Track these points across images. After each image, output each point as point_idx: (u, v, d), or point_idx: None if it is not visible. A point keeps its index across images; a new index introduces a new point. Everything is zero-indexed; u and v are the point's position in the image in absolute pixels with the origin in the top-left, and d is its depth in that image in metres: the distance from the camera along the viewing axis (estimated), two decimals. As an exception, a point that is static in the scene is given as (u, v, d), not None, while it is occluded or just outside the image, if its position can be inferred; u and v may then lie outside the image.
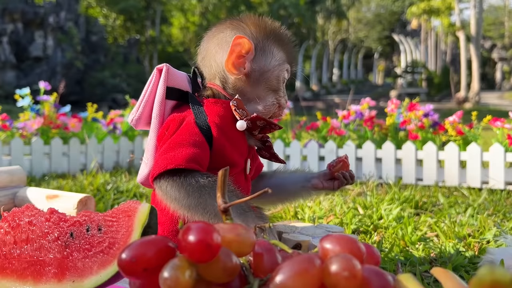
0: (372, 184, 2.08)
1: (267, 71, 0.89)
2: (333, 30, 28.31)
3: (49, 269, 0.67)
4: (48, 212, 0.72)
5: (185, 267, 0.49)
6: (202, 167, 0.79)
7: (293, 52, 0.95)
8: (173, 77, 0.90)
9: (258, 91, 0.89)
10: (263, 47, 0.89)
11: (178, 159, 0.76)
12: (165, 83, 0.88)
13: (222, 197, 0.63)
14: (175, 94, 0.91)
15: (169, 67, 0.90)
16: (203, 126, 0.83)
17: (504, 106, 15.83)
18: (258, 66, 0.89)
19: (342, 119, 2.73)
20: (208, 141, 0.83)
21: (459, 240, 1.19)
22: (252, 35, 0.89)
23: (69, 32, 17.23)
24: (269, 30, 0.91)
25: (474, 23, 15.58)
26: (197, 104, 0.88)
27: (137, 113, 0.91)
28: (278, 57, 0.90)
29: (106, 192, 1.89)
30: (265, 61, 0.89)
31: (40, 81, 2.96)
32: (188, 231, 0.50)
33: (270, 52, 0.90)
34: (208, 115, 0.85)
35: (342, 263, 0.48)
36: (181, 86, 0.91)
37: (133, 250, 0.51)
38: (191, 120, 0.84)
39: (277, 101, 0.91)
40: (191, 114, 0.85)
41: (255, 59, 0.88)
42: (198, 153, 0.79)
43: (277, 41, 0.91)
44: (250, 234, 0.55)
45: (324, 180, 0.96)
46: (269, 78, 0.89)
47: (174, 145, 0.80)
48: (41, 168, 2.67)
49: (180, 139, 0.81)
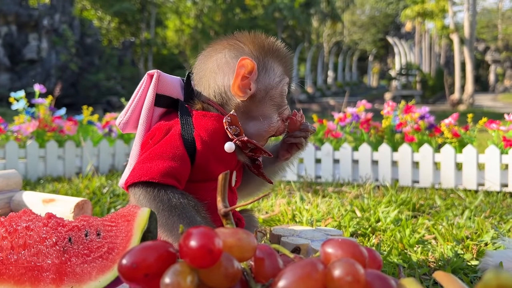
0: (369, 187, 2.08)
1: (271, 89, 0.89)
2: (327, 32, 28.39)
3: (47, 275, 0.66)
4: (46, 217, 0.71)
5: (187, 273, 0.49)
6: (179, 181, 0.80)
7: (291, 64, 0.95)
8: (164, 83, 0.89)
9: (263, 109, 0.89)
10: (264, 65, 0.89)
11: (154, 172, 0.77)
12: (155, 90, 0.88)
13: (222, 201, 0.62)
14: (165, 101, 0.90)
15: (160, 73, 0.89)
16: (188, 139, 0.83)
17: (498, 108, 15.93)
18: (262, 85, 0.88)
19: (338, 122, 2.73)
20: (191, 154, 0.83)
21: (457, 243, 1.20)
22: (252, 54, 0.88)
23: (64, 35, 17.17)
24: (266, 46, 0.90)
25: (467, 25, 15.67)
26: (186, 114, 0.86)
27: (125, 117, 0.90)
28: (278, 73, 0.90)
29: (102, 196, 1.88)
30: (268, 79, 0.89)
31: (34, 84, 2.94)
32: (189, 236, 0.49)
33: (272, 69, 0.90)
34: (195, 128, 0.84)
35: (345, 268, 0.48)
36: (172, 93, 0.91)
37: (134, 255, 0.50)
38: (176, 131, 0.84)
39: (280, 116, 0.91)
40: (178, 124, 0.85)
41: (259, 79, 0.88)
42: (176, 167, 0.79)
43: (275, 56, 0.91)
44: (251, 238, 0.55)
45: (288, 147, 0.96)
46: (274, 96, 0.89)
47: (154, 156, 0.80)
48: (36, 172, 2.65)
49: (161, 151, 0.81)
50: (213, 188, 0.86)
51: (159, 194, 0.76)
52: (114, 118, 3.24)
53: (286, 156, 0.96)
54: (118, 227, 0.65)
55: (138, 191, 0.77)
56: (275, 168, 0.99)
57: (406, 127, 2.48)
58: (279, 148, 0.97)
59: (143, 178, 0.76)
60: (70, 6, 18.30)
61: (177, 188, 0.78)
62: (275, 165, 0.98)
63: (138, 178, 0.77)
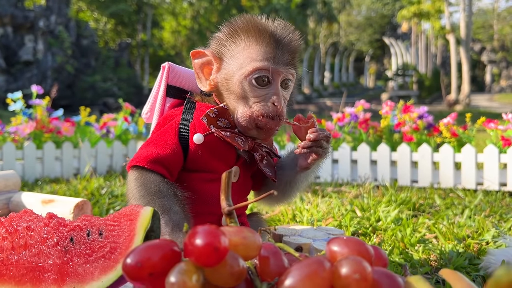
0: (368, 186, 2.08)
1: (229, 79, 0.82)
2: (324, 33, 28.42)
3: (48, 275, 0.65)
4: (47, 217, 0.70)
5: (192, 272, 0.48)
6: (168, 169, 0.81)
7: (268, 45, 0.81)
8: (176, 75, 0.92)
9: (231, 99, 0.83)
10: (231, 52, 0.82)
11: (143, 157, 0.80)
12: (166, 81, 0.91)
13: (226, 200, 0.62)
14: (176, 92, 0.92)
15: (172, 65, 0.92)
16: (182, 130, 0.84)
17: (494, 108, 15.98)
18: (223, 74, 0.83)
19: (337, 122, 2.73)
20: (184, 145, 0.83)
21: (458, 242, 1.19)
22: (217, 42, 0.85)
23: (60, 36, 17.11)
24: (240, 29, 0.83)
25: (463, 26, 15.72)
26: (190, 106, 0.88)
27: (147, 108, 0.95)
28: (241, 59, 0.81)
29: (101, 197, 1.87)
30: (228, 68, 0.83)
31: (30, 85, 2.93)
32: (194, 234, 0.48)
33: (235, 57, 0.82)
34: (194, 119, 0.85)
35: (352, 266, 0.48)
36: (184, 84, 0.93)
37: (138, 254, 0.50)
38: (176, 121, 0.86)
39: (250, 109, 0.81)
40: (181, 115, 0.87)
41: (222, 68, 0.84)
42: (165, 155, 0.81)
43: (246, 40, 0.82)
44: (256, 237, 0.54)
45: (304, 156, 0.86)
46: (232, 86, 0.82)
47: (149, 143, 0.83)
48: (33, 173, 2.64)
49: (155, 138, 0.84)
50: (209, 180, 0.86)
51: (147, 180, 0.78)
52: (111, 119, 3.23)
53: (304, 165, 0.86)
54: (120, 226, 0.64)
55: (131, 175, 0.81)
56: (297, 177, 0.91)
57: (404, 127, 2.48)
58: (298, 156, 0.88)
59: (133, 163, 0.80)
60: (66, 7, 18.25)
61: (162, 175, 0.80)
62: (296, 174, 0.90)
63: (131, 162, 0.81)
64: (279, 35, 0.83)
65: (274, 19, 0.86)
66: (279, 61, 0.81)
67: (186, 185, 0.84)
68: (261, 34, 0.81)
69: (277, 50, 0.81)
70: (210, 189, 0.85)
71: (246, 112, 0.81)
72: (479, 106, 16.91)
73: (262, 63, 0.79)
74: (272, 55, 0.81)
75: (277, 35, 0.82)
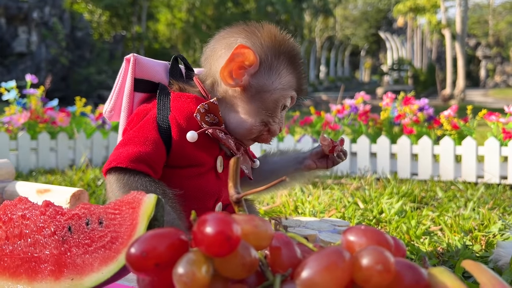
0: (370, 179, 2.05)
1: (266, 92, 0.81)
2: (320, 27, 28.36)
3: (45, 266, 0.62)
4: (43, 205, 0.66)
5: (202, 262, 0.45)
6: (151, 167, 0.77)
7: (303, 79, 0.86)
8: (143, 67, 0.86)
9: (250, 107, 0.82)
10: (270, 64, 0.82)
11: (122, 157, 0.75)
12: (133, 74, 0.85)
13: (234, 187, 0.58)
14: (145, 86, 0.87)
15: (138, 57, 0.86)
16: (162, 124, 0.79)
17: (488, 103, 16.03)
18: (257, 83, 0.81)
19: (336, 114, 2.70)
20: (167, 139, 0.79)
21: (465, 234, 1.17)
22: (262, 48, 0.82)
23: (54, 28, 16.94)
24: (283, 48, 0.83)
25: (459, 21, 15.71)
26: (164, 97, 0.83)
27: (109, 105, 0.89)
28: (284, 81, 0.83)
29: (97, 188, 1.83)
30: (267, 80, 0.82)
31: (24, 77, 2.87)
32: (204, 222, 0.45)
33: (277, 73, 0.82)
34: (171, 111, 0.80)
35: (374, 256, 0.44)
36: (152, 77, 0.87)
37: (144, 243, 0.46)
38: (152, 115, 0.80)
39: (266, 125, 0.83)
40: (155, 108, 0.82)
41: (257, 75, 0.81)
42: (147, 152, 0.76)
43: (289, 63, 0.83)
44: (268, 226, 0.51)
45: (317, 159, 0.91)
46: (266, 99, 0.82)
47: (127, 141, 0.78)
48: (28, 164, 2.59)
49: (133, 135, 0.78)
50: (196, 175, 0.83)
51: (129, 180, 0.74)
52: (107, 110, 3.18)
53: (311, 166, 0.91)
54: (122, 215, 0.60)
55: (112, 177, 0.76)
56: (295, 173, 0.94)
57: (405, 119, 2.46)
58: (307, 155, 0.92)
59: (113, 164, 0.75)
60: (60, -2, 18.06)
61: (147, 174, 0.76)
62: (295, 170, 0.93)
63: (109, 164, 0.76)
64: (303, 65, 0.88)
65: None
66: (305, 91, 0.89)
67: (172, 183, 0.81)
68: (299, 65, 0.85)
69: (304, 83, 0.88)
70: (196, 183, 0.82)
71: (256, 125, 0.82)
72: (473, 101, 16.95)
73: (294, 93, 0.85)
74: (304, 86, 0.87)
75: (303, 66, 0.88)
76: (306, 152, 0.93)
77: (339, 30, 32.33)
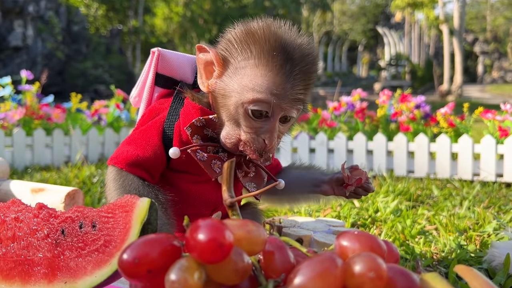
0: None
1: (227, 97, 0.71)
2: (317, 22, 28.29)
3: (38, 270, 0.62)
4: (37, 207, 0.66)
5: (194, 268, 0.45)
6: (148, 171, 0.77)
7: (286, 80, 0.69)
8: (166, 63, 0.84)
9: (222, 115, 0.74)
10: (236, 64, 0.71)
11: (121, 158, 0.76)
12: (155, 69, 0.84)
13: (228, 191, 0.58)
14: (165, 82, 0.86)
15: (162, 52, 0.85)
16: (167, 129, 0.79)
17: (486, 99, 16.05)
18: (220, 86, 0.73)
19: (333, 111, 2.70)
20: (169, 145, 0.78)
21: (459, 234, 1.17)
22: (229, 46, 0.72)
23: (50, 22, 16.82)
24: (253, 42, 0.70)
25: (457, 16, 15.69)
26: (178, 101, 0.81)
27: (135, 92, 0.90)
28: (246, 81, 0.69)
29: (92, 185, 1.83)
30: (230, 83, 0.71)
31: (20, 71, 2.85)
32: (197, 229, 0.45)
33: (237, 73, 0.70)
34: (180, 118, 0.79)
35: (366, 263, 0.44)
36: (175, 74, 0.85)
37: (136, 249, 0.46)
38: (161, 118, 0.80)
39: (238, 135, 0.72)
40: (167, 110, 0.80)
41: (223, 77, 0.73)
42: (146, 157, 0.76)
43: (261, 60, 0.69)
44: (261, 231, 0.51)
45: (336, 186, 0.83)
46: (227, 105, 0.72)
47: (131, 141, 0.79)
48: (23, 161, 2.59)
49: (137, 136, 0.79)
50: (193, 181, 0.82)
51: (125, 183, 0.75)
52: (103, 106, 3.17)
53: (327, 192, 0.83)
54: (115, 218, 0.60)
55: (111, 173, 0.78)
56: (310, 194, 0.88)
57: (401, 117, 2.46)
58: (326, 180, 0.84)
59: (113, 162, 0.77)
60: (57, -8, 17.93)
61: (142, 178, 0.76)
62: (311, 192, 0.86)
63: (111, 160, 0.78)
64: (296, 62, 0.70)
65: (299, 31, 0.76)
66: (286, 96, 0.69)
67: (169, 184, 0.80)
68: (273, 59, 0.68)
69: (287, 83, 0.69)
70: (194, 190, 0.82)
71: (232, 135, 0.72)
72: (471, 97, 16.97)
73: (263, 95, 0.68)
74: (280, 88, 0.68)
75: (294, 62, 0.70)
76: (326, 176, 0.85)
77: (336, 25, 32.27)
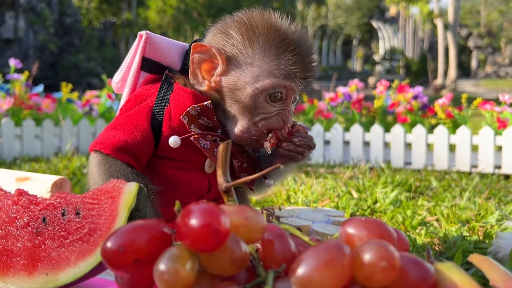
0: (363, 167, 2.02)
1: (237, 89, 0.72)
2: (312, 16, 28.22)
3: (17, 260, 0.57)
4: (16, 194, 0.61)
5: (186, 258, 0.40)
6: (136, 158, 0.73)
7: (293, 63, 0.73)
8: (154, 47, 0.80)
9: (231, 110, 0.74)
10: (242, 58, 0.72)
11: (108, 143, 0.72)
12: (142, 53, 0.79)
13: (223, 175, 0.53)
14: (152, 67, 0.81)
15: (151, 35, 0.80)
16: (157, 115, 0.75)
17: (480, 93, 16.08)
18: (228, 81, 0.73)
19: (329, 102, 2.66)
20: (157, 131, 0.75)
21: (462, 224, 1.14)
22: (231, 40, 0.73)
23: (42, 14, 16.62)
24: (259, 30, 0.73)
25: (451, 11, 15.68)
26: (167, 86, 0.77)
27: (118, 77, 0.85)
28: (258, 72, 0.71)
29: (82, 176, 1.78)
30: (237, 77, 0.72)
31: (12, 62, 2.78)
32: (189, 214, 0.40)
33: (248, 65, 0.72)
34: (170, 103, 0.75)
35: (377, 251, 0.40)
36: (163, 59, 0.81)
37: (121, 237, 0.41)
38: (149, 103, 0.76)
39: (255, 126, 0.73)
40: (154, 96, 0.77)
41: (228, 72, 0.73)
42: (134, 142, 0.73)
43: (266, 48, 0.72)
44: (260, 217, 0.46)
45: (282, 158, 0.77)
46: (240, 99, 0.73)
47: (117, 125, 0.75)
48: (12, 151, 2.53)
49: (124, 121, 0.75)
50: (180, 168, 0.78)
51: (109, 168, 0.71)
52: (94, 97, 3.11)
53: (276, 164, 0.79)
54: (100, 205, 0.56)
55: (94, 158, 0.73)
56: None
57: (398, 108, 2.42)
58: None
59: (97, 147, 0.73)
60: (49, -17, 17.72)
61: (128, 164, 0.72)
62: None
63: (94, 145, 0.74)
64: (300, 45, 0.75)
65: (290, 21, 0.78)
66: (298, 78, 0.74)
67: (155, 171, 0.77)
68: (283, 45, 0.73)
69: (298, 65, 0.74)
70: (181, 177, 0.78)
71: (249, 127, 0.73)
72: (465, 92, 16.98)
73: (282, 81, 0.72)
74: (294, 71, 0.73)
75: (297, 45, 0.74)
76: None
77: (331, 19, 32.19)
